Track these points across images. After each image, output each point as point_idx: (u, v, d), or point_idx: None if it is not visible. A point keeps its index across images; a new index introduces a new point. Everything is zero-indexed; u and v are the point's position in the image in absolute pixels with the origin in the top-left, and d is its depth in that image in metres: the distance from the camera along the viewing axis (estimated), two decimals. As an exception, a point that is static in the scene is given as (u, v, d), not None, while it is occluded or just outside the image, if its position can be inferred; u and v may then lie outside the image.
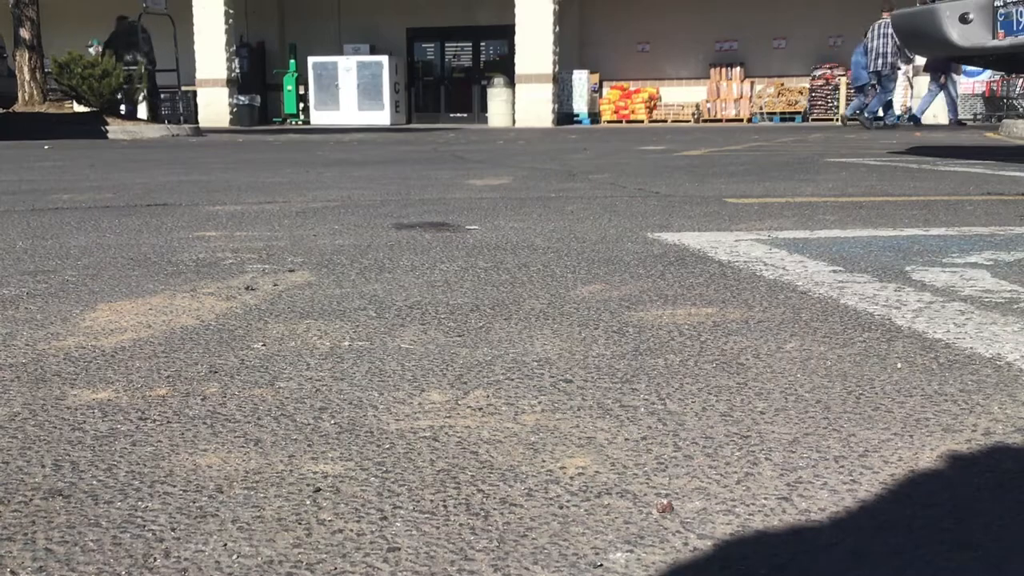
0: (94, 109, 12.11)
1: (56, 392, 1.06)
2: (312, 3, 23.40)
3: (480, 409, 0.99)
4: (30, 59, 12.61)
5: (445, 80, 22.95)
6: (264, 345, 1.26)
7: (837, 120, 19.18)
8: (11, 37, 12.54)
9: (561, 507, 0.74)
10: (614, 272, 1.79)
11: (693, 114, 21.47)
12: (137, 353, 1.22)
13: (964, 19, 5.00)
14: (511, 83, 19.64)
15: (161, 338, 1.30)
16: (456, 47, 22.49)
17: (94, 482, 0.80)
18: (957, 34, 5.00)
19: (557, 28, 19.82)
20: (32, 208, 3.07)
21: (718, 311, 1.44)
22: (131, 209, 3.02)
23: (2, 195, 3.55)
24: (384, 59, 22.50)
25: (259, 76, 24.18)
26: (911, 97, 19.13)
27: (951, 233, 2.29)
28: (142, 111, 14.61)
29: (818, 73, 20.43)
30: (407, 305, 1.51)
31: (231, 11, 21.74)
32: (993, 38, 4.89)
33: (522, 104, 19.19)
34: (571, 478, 0.80)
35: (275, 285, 1.69)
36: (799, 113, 20.61)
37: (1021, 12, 4.76)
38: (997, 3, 4.86)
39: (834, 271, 1.78)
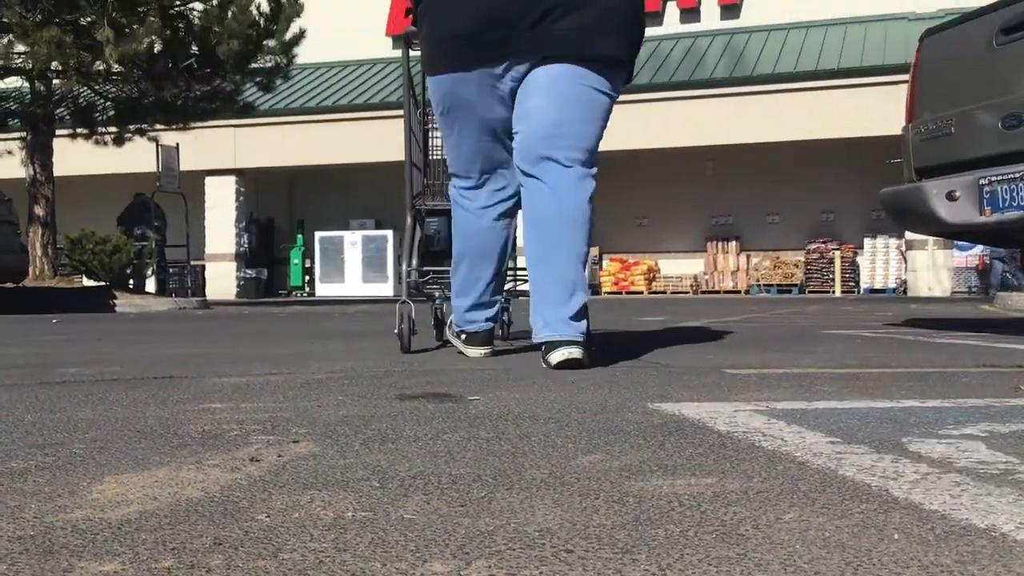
0: (103, 283, 12.34)
1: (64, 564, 1.07)
2: (321, 181, 24.19)
3: (482, 580, 0.99)
4: (43, 235, 12.96)
5: (448, 253, 23.41)
6: (268, 516, 1.27)
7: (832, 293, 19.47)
8: (25, 214, 12.92)
9: (562, 678, 0.75)
10: (614, 442, 1.81)
11: (692, 286, 21.79)
12: (143, 525, 1.23)
13: (951, 196, 5.15)
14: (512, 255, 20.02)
15: (166, 510, 1.31)
16: (459, 222, 23.08)
17: (100, 653, 0.81)
18: (945, 211, 5.15)
19: (557, 204, 20.35)
20: (40, 381, 3.11)
21: (718, 481, 1.45)
22: (138, 382, 3.06)
23: (11, 369, 3.60)
24: (389, 233, 23.04)
25: (267, 250, 24.70)
26: (906, 271, 19.48)
27: (947, 405, 2.32)
28: (150, 285, 14.88)
29: (812, 247, 20.87)
30: (410, 475, 1.53)
31: (242, 189, 22.45)
32: (980, 215, 5.03)
33: (523, 275, 19.53)
34: (572, 649, 0.81)
35: (279, 456, 1.71)
36: (796, 285, 20.95)
37: (1006, 190, 4.92)
38: (982, 181, 5.02)
39: (832, 442, 1.80)
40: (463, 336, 3.71)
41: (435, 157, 3.99)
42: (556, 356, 3.05)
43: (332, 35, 22.38)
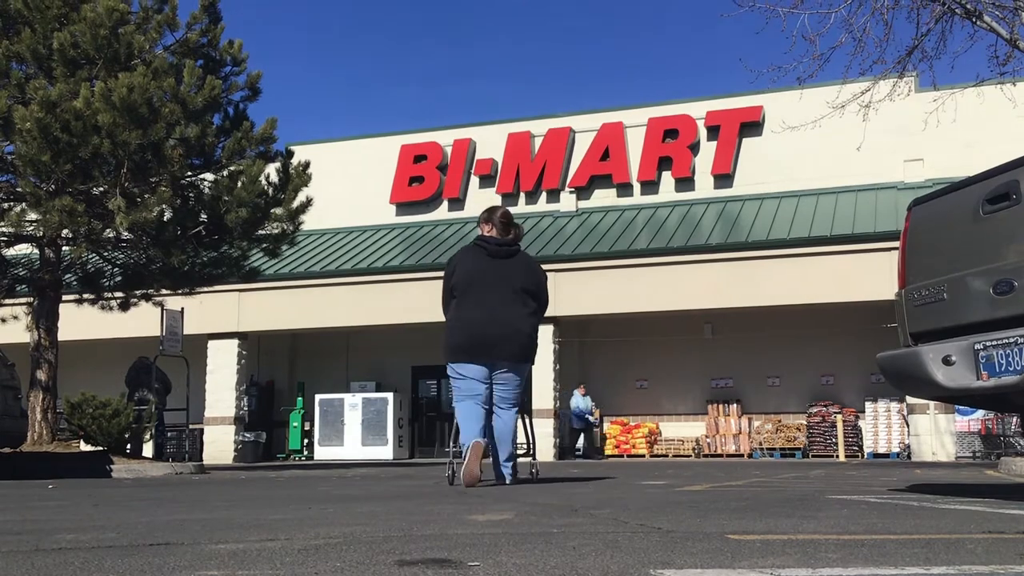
0: (100, 448, 12.24)
1: None
2: (322, 344, 24.33)
3: None
4: (43, 400, 12.93)
5: (448, 415, 23.30)
6: None
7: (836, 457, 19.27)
8: (27, 378, 12.93)
9: None
10: (616, 611, 1.79)
11: (694, 449, 21.60)
12: None
13: (947, 361, 5.18)
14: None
15: None
16: (459, 385, 23.09)
17: None
18: (942, 376, 5.17)
19: (558, 366, 20.44)
20: (36, 548, 3.07)
21: (720, 650, 1.44)
22: (133, 549, 3.02)
23: (6, 535, 3.56)
24: (389, 396, 22.99)
25: (267, 413, 24.58)
26: (908, 435, 19.35)
27: (952, 572, 2.29)
28: (147, 449, 14.75)
29: (814, 410, 20.77)
30: (410, 645, 1.51)
31: (244, 352, 22.53)
32: (977, 379, 5.04)
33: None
34: None
35: (278, 625, 1.69)
36: (799, 449, 20.74)
37: (1001, 354, 4.94)
38: (977, 346, 5.06)
39: (836, 609, 1.78)
40: (467, 450, 6.47)
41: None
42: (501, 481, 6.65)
43: (337, 202, 23.00)
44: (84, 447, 13.00)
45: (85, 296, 14.84)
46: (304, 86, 68.60)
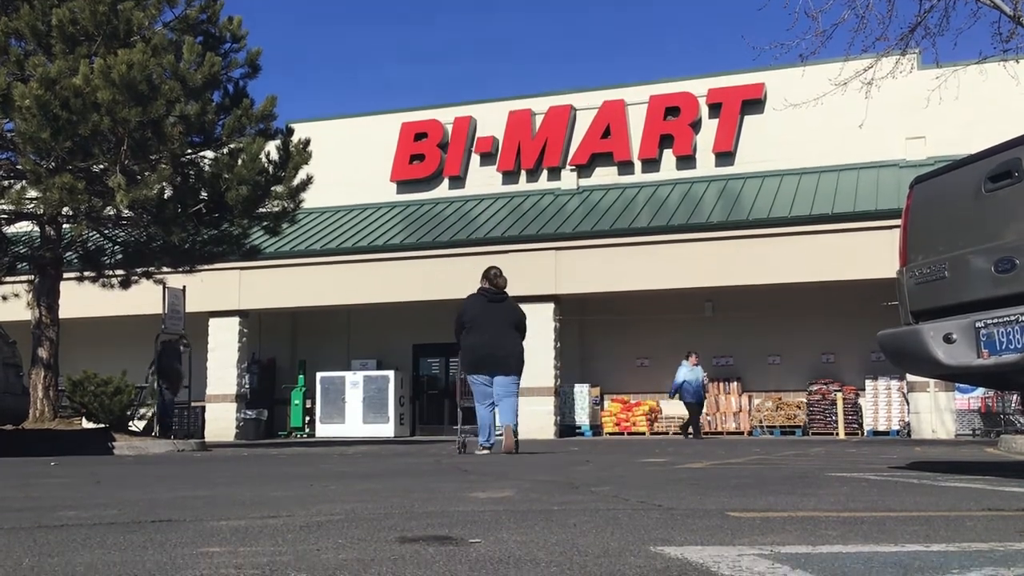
0: (102, 425, 12.27)
1: None
2: (323, 322, 24.33)
3: None
4: (45, 377, 12.95)
5: (449, 393, 23.36)
6: (268, 662, 1.26)
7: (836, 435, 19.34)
8: (29, 355, 12.95)
9: None
10: (617, 587, 1.80)
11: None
12: (142, 670, 1.22)
13: (948, 339, 5.17)
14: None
15: (166, 655, 1.30)
16: (460, 362, 23.12)
17: None
18: (943, 353, 5.17)
19: (558, 344, 20.45)
20: (38, 524, 3.08)
21: (720, 627, 1.44)
22: (135, 525, 3.04)
23: (8, 512, 3.57)
24: (390, 374, 23.01)
25: (268, 391, 24.59)
26: (908, 412, 19.39)
27: (951, 549, 2.30)
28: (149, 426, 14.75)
29: (814, 388, 20.78)
30: (411, 621, 1.52)
31: (245, 330, 22.53)
32: (978, 357, 5.04)
33: (524, 416, 19.41)
34: None
35: (279, 601, 1.69)
36: (799, 427, 20.77)
37: (1003, 332, 4.94)
38: (978, 324, 5.06)
39: (835, 586, 1.78)
40: (482, 448, 9.16)
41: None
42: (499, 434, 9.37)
43: (338, 180, 22.92)
44: (86, 424, 13.03)
45: (86, 274, 14.83)
46: (304, 63, 68.29)
